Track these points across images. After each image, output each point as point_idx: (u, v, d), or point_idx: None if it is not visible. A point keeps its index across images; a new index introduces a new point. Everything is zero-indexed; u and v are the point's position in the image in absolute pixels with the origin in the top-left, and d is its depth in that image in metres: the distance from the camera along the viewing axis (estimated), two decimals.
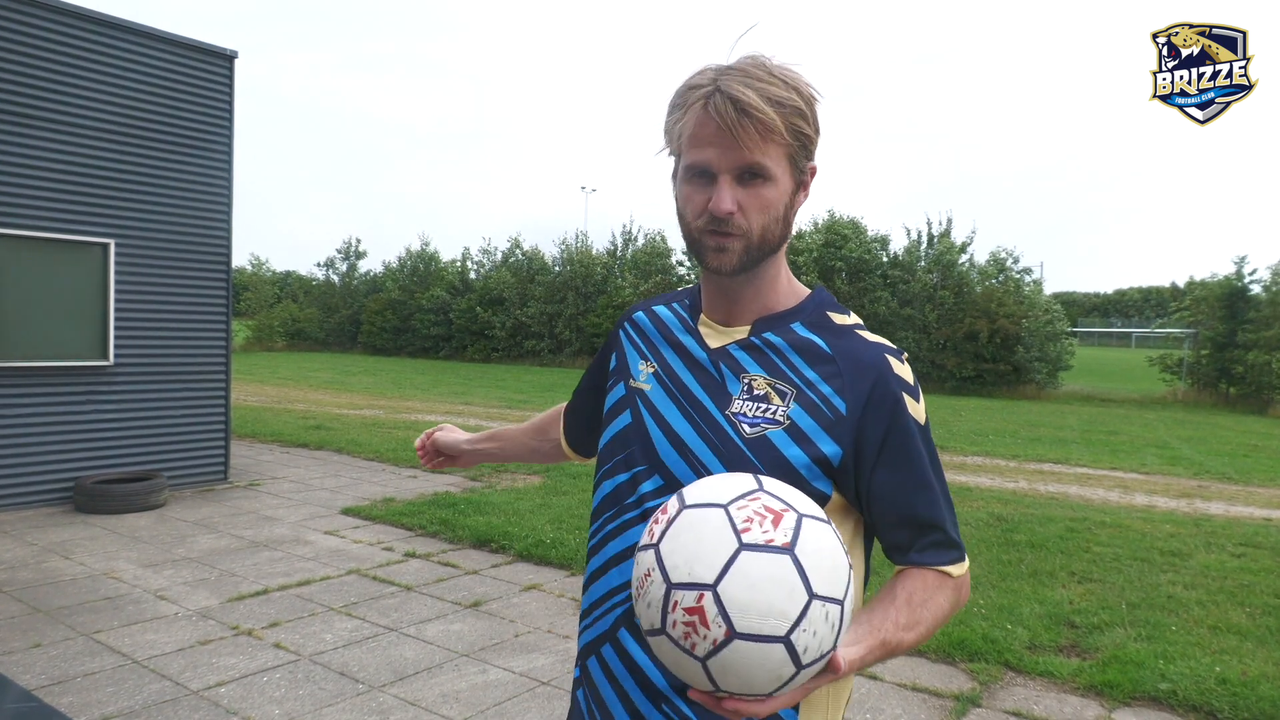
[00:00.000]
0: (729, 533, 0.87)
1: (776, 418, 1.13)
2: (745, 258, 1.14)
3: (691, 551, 0.87)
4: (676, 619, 0.86)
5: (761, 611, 0.84)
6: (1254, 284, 22.33)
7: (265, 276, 42.31)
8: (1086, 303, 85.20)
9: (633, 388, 1.27)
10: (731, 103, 1.08)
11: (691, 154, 1.13)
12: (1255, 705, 3.72)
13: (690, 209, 1.15)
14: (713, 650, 0.85)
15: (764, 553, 0.86)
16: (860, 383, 1.13)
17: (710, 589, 0.84)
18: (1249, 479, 10.33)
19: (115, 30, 7.54)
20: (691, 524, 0.89)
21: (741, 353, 1.20)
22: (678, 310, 1.32)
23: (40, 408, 7.18)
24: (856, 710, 3.74)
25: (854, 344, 1.17)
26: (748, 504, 0.90)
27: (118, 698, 3.66)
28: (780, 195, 1.13)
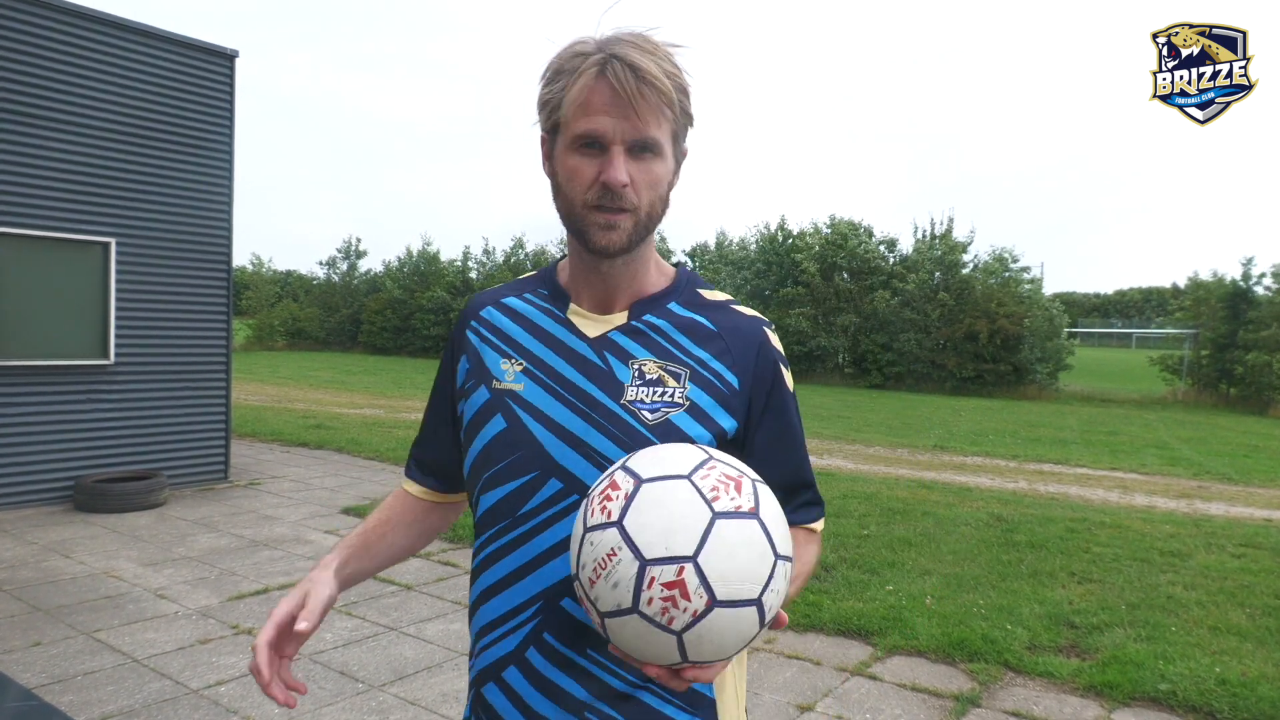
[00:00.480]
0: (700, 503, 0.86)
1: (675, 399, 1.10)
2: (633, 236, 1.09)
3: (665, 525, 0.84)
4: (653, 595, 0.84)
5: (740, 577, 0.85)
6: (1258, 285, 22.32)
7: (266, 276, 42.34)
8: (1087, 303, 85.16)
9: (499, 390, 1.16)
10: (631, 70, 1.03)
11: (582, 122, 1.06)
12: (1255, 706, 3.72)
13: (578, 182, 1.08)
14: (691, 622, 0.84)
15: (736, 519, 0.86)
16: (746, 356, 1.15)
17: (690, 560, 0.83)
18: (1249, 479, 10.33)
19: (116, 29, 7.54)
20: (658, 498, 0.87)
21: (625, 338, 1.15)
22: (534, 301, 1.23)
23: (41, 407, 7.19)
24: (856, 710, 3.74)
25: (734, 319, 1.18)
26: (708, 473, 0.89)
27: (118, 696, 3.66)
28: (667, 173, 1.10)
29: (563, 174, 1.10)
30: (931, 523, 7.13)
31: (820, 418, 16.15)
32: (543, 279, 1.26)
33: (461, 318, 1.28)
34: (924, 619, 4.75)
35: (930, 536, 6.65)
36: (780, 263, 28.80)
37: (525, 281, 1.28)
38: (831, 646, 4.48)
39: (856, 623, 4.69)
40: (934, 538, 6.62)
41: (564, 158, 1.09)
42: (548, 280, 1.25)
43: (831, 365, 27.32)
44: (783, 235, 29.67)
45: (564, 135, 1.09)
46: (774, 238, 29.79)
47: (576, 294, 1.19)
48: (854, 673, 4.15)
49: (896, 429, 14.82)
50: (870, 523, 7.06)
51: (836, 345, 27.18)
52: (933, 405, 20.16)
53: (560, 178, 1.11)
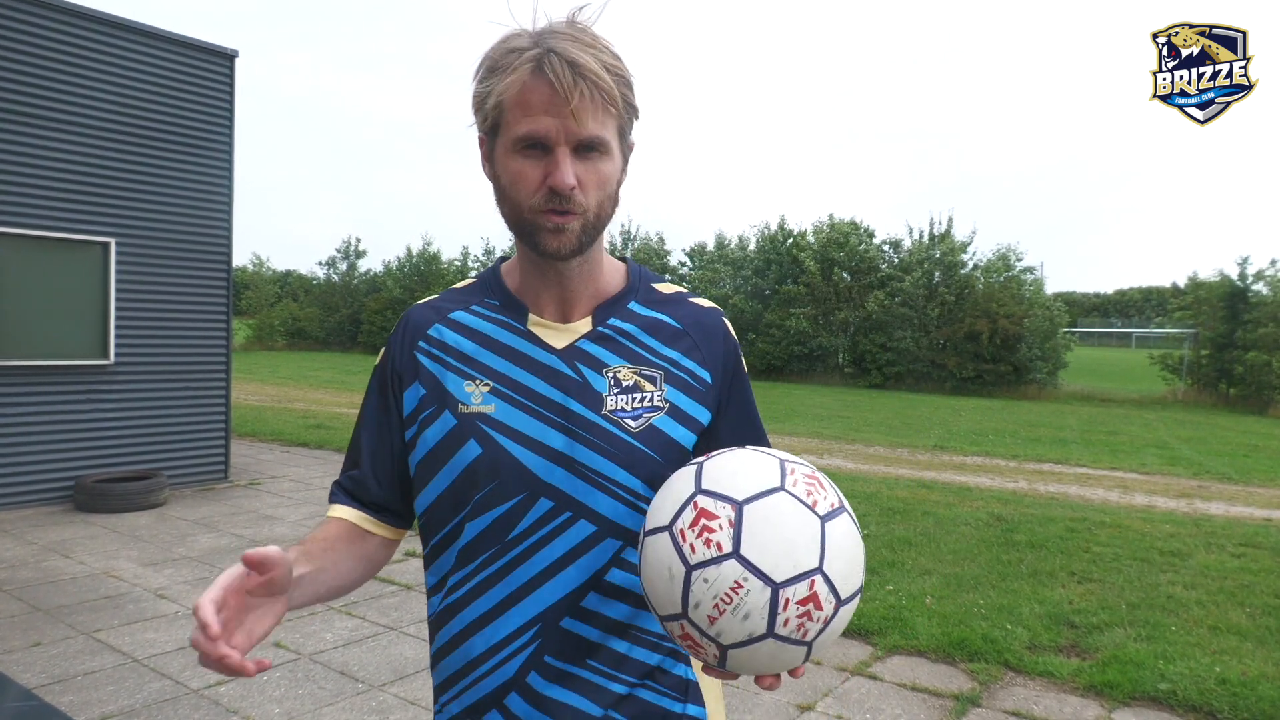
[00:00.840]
0: (806, 511, 0.87)
1: (656, 403, 1.09)
2: (583, 238, 1.05)
3: (786, 543, 0.84)
4: (789, 616, 0.83)
5: (854, 571, 0.89)
6: (1257, 283, 22.31)
7: (266, 275, 42.32)
8: (1087, 303, 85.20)
9: (468, 414, 1.08)
10: (569, 66, 0.97)
11: (523, 124, 1.00)
12: (1255, 705, 3.72)
13: (523, 186, 1.02)
14: (822, 629, 0.86)
15: (837, 517, 0.88)
16: (714, 349, 1.15)
17: (818, 572, 0.84)
18: (1249, 479, 10.33)
19: (115, 29, 7.54)
20: (767, 516, 0.85)
21: (594, 346, 1.11)
22: (487, 314, 1.15)
23: (41, 407, 7.19)
24: (856, 710, 3.74)
25: (695, 313, 1.17)
26: (795, 478, 0.89)
27: (118, 696, 3.66)
28: (615, 170, 1.06)
29: (506, 178, 1.04)
30: (931, 522, 7.13)
31: (820, 418, 16.15)
32: (487, 288, 1.18)
33: (401, 338, 1.16)
34: (924, 619, 4.75)
35: (930, 536, 6.65)
36: (780, 261, 28.79)
37: (465, 292, 1.20)
38: (831, 646, 4.47)
39: (856, 622, 4.69)
40: (934, 538, 6.62)
41: (506, 161, 1.04)
42: (494, 289, 1.17)
43: (831, 365, 27.31)
44: (783, 234, 29.66)
45: (504, 137, 1.03)
46: (774, 237, 29.78)
47: (533, 303, 1.14)
48: (854, 672, 4.15)
49: (896, 429, 14.81)
50: (870, 523, 7.06)
51: (836, 345, 27.18)
52: (933, 405, 20.16)
53: (503, 181, 1.05)
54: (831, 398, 21.30)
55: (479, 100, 1.05)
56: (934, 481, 9.41)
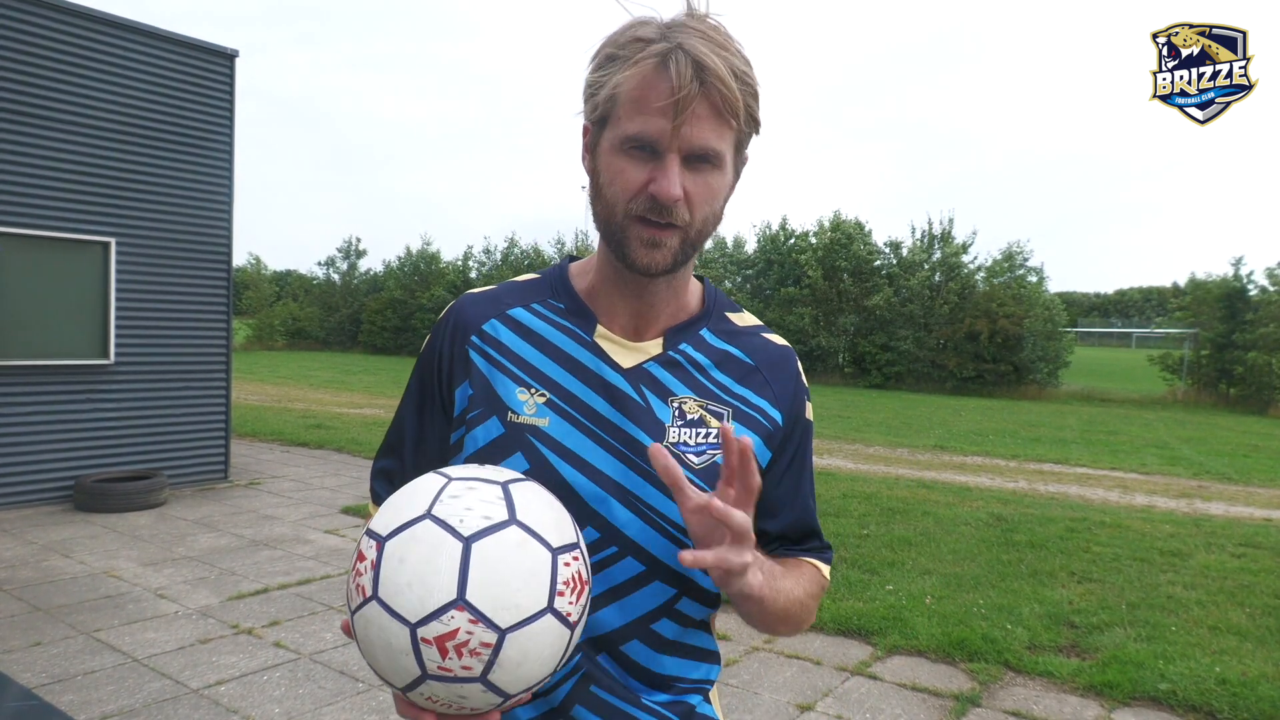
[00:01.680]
0: (447, 535, 0.77)
1: (720, 441, 0.99)
2: (680, 255, 0.96)
3: (417, 577, 0.76)
4: (434, 656, 0.77)
5: (519, 590, 0.78)
6: (1251, 285, 22.33)
7: (265, 275, 42.33)
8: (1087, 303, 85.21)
9: (518, 424, 1.00)
10: (696, 67, 0.89)
11: (635, 122, 0.92)
12: (1255, 705, 3.72)
13: (621, 187, 0.94)
14: (490, 662, 0.78)
15: (492, 534, 0.78)
16: (785, 391, 1.08)
17: (458, 602, 0.76)
18: (1249, 479, 10.33)
19: (115, 29, 7.54)
20: (402, 553, 0.78)
21: (662, 371, 1.03)
22: (550, 317, 1.06)
23: (41, 406, 7.19)
24: (856, 710, 3.74)
25: (768, 350, 1.09)
26: (450, 497, 0.80)
27: (118, 696, 3.66)
28: (724, 185, 0.98)
29: (606, 175, 0.96)
30: (931, 523, 7.13)
31: (820, 418, 16.14)
32: (554, 287, 1.09)
33: (451, 328, 1.07)
34: (924, 619, 4.75)
35: (930, 536, 6.65)
36: (782, 262, 28.79)
37: (529, 287, 1.10)
38: (831, 646, 4.48)
39: (856, 623, 4.69)
40: (934, 538, 6.62)
41: (609, 156, 0.95)
42: (562, 290, 1.08)
43: (832, 365, 27.32)
44: (784, 235, 29.65)
45: (612, 131, 0.94)
46: (775, 237, 29.77)
47: (605, 313, 1.05)
48: (854, 672, 4.15)
49: (896, 429, 14.81)
50: (870, 523, 7.06)
51: (837, 345, 27.18)
52: (933, 405, 20.16)
53: (602, 178, 0.96)
54: (831, 398, 21.30)
55: (592, 88, 0.96)
56: (934, 481, 9.41)
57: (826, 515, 7.12)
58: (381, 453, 1.14)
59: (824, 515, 7.12)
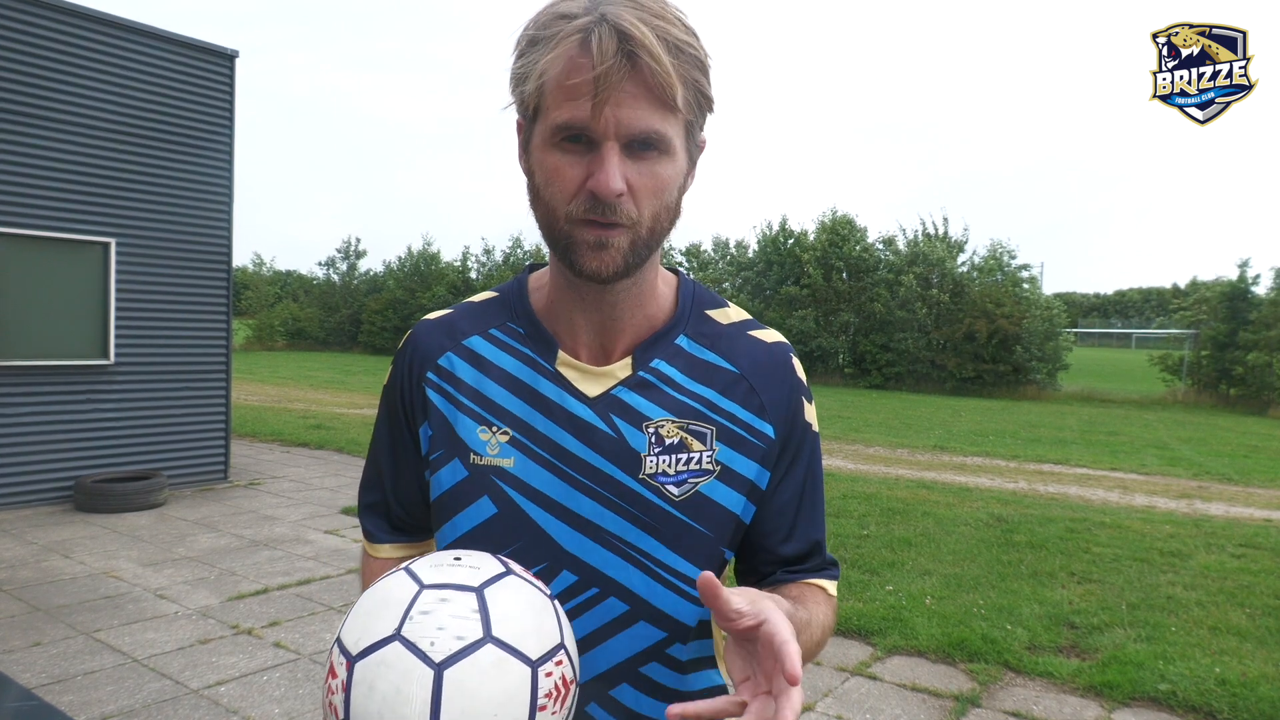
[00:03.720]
0: (417, 662, 0.71)
1: (704, 466, 0.93)
2: (631, 257, 0.86)
3: (385, 711, 0.71)
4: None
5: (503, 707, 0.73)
6: (1256, 286, 22.33)
7: (265, 276, 42.34)
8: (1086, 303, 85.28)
9: (481, 466, 0.93)
10: (620, 38, 0.78)
11: (563, 110, 0.81)
12: (1255, 706, 3.72)
13: (559, 188, 0.84)
14: None
15: (465, 658, 0.72)
16: (777, 398, 0.97)
17: None
18: (1249, 480, 10.32)
19: (115, 29, 7.54)
20: (370, 681, 0.72)
21: (633, 395, 0.93)
22: (509, 344, 0.97)
23: (41, 407, 7.18)
24: (856, 710, 3.74)
25: (755, 350, 0.98)
26: (419, 613, 0.74)
27: (118, 696, 3.66)
28: (677, 174, 0.87)
29: (541, 174, 0.86)
30: (931, 523, 7.13)
31: (820, 418, 15.95)
32: (511, 308, 0.99)
33: (409, 363, 0.99)
34: (924, 619, 4.75)
35: (930, 536, 6.65)
36: (782, 262, 28.80)
37: (486, 310, 1.00)
38: (831, 646, 4.47)
39: (856, 623, 4.69)
40: (934, 538, 6.61)
41: (542, 153, 0.85)
42: (519, 312, 0.98)
43: (832, 365, 27.32)
44: (784, 235, 29.67)
45: (542, 124, 0.84)
46: (775, 238, 29.79)
47: (565, 335, 0.96)
48: (854, 673, 4.15)
49: (896, 429, 14.81)
50: (870, 523, 7.06)
51: (837, 345, 27.19)
52: (932, 405, 20.15)
53: (538, 179, 0.87)
54: (831, 398, 21.30)
55: (516, 79, 0.86)
56: (934, 482, 9.40)
57: (827, 515, 7.10)
58: (364, 488, 1.08)
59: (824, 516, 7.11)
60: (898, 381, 25.75)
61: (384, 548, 1.06)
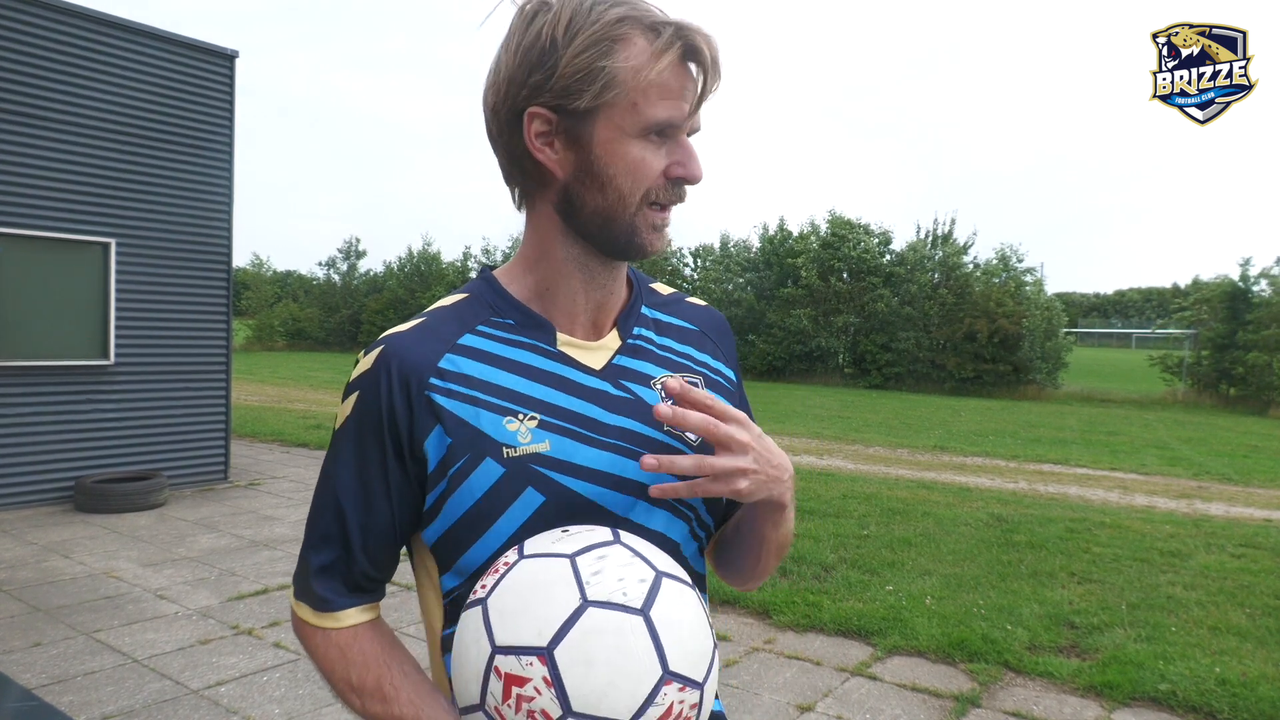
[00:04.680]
0: (624, 617, 0.71)
1: None
2: None
3: (618, 672, 0.70)
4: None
5: (698, 635, 0.75)
6: (1256, 285, 22.32)
7: (265, 276, 42.34)
8: (1086, 303, 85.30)
9: (517, 458, 0.90)
10: (707, 54, 0.90)
11: (663, 107, 0.89)
12: (1255, 706, 3.72)
13: (643, 175, 0.91)
14: (697, 716, 0.75)
15: (658, 598, 0.73)
16: (727, 348, 1.12)
17: (666, 678, 0.71)
18: (1249, 480, 10.32)
19: (116, 29, 7.54)
20: (586, 655, 0.70)
21: (632, 360, 1.00)
22: (506, 336, 0.97)
23: (41, 407, 7.18)
24: (856, 710, 3.74)
25: (700, 312, 1.12)
26: (598, 571, 0.75)
27: (118, 697, 3.66)
28: None
29: (618, 164, 0.90)
30: (931, 523, 7.13)
31: (820, 418, 16.14)
32: (494, 304, 0.99)
33: (396, 379, 0.92)
34: (924, 619, 4.75)
35: (930, 536, 6.65)
36: (780, 263, 28.81)
37: (463, 310, 0.99)
38: (831, 646, 4.47)
39: (856, 623, 4.69)
40: (934, 538, 6.61)
41: (620, 145, 0.90)
42: (504, 304, 0.99)
43: (832, 365, 27.32)
44: (782, 236, 29.67)
45: (624, 119, 0.89)
46: (774, 238, 29.80)
47: (560, 318, 0.99)
48: (854, 673, 4.15)
49: (896, 429, 14.81)
50: (870, 523, 7.05)
51: (836, 345, 27.18)
52: (932, 405, 20.15)
53: (610, 169, 0.91)
54: (831, 398, 21.30)
55: (579, 72, 0.87)
56: (934, 482, 9.40)
57: (827, 515, 7.12)
58: (313, 546, 0.96)
59: (824, 515, 7.12)
60: (897, 381, 25.75)
61: (347, 614, 0.96)
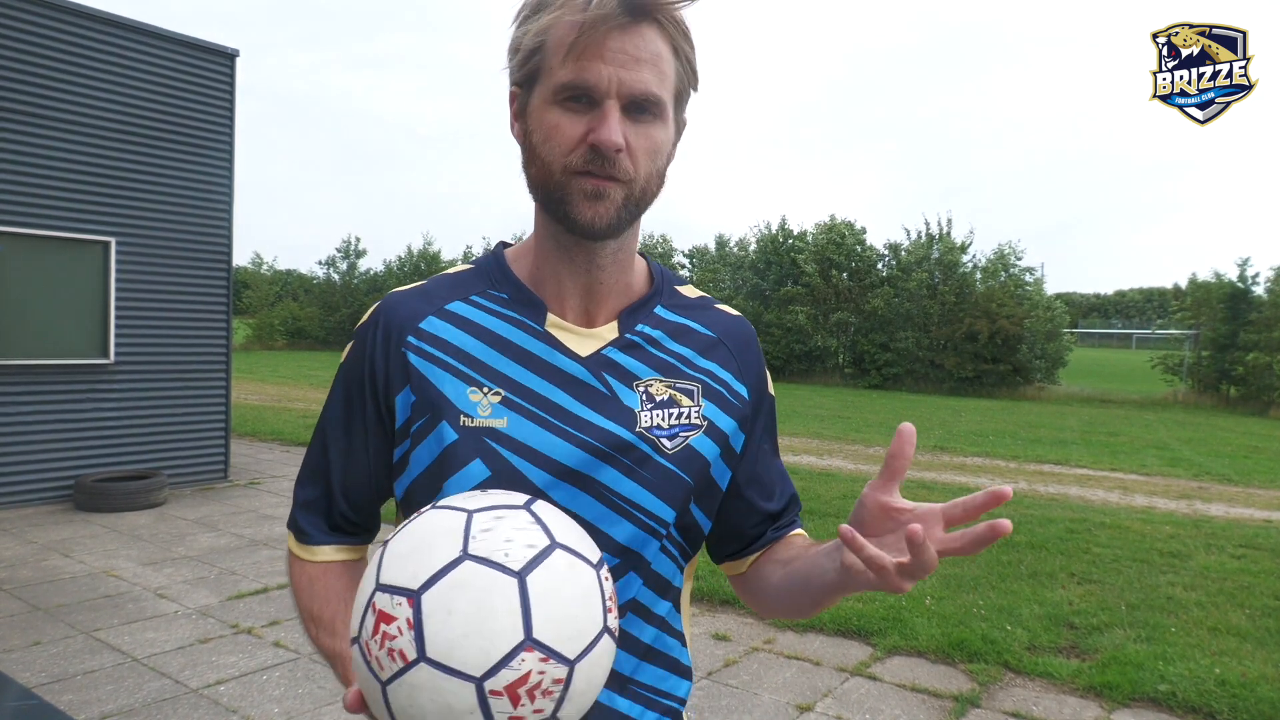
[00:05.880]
0: (496, 575, 0.70)
1: (694, 420, 0.96)
2: (624, 212, 0.89)
3: (474, 626, 0.69)
4: (504, 709, 0.70)
5: (580, 615, 0.73)
6: (1256, 286, 22.32)
7: (266, 275, 42.35)
8: (1086, 303, 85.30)
9: (472, 428, 0.90)
10: (633, 7, 0.83)
11: (569, 69, 0.84)
12: (1254, 707, 3.72)
13: (558, 142, 0.86)
14: (561, 698, 0.72)
15: (540, 564, 0.72)
16: (749, 362, 1.04)
17: (526, 644, 0.69)
18: (1249, 480, 10.32)
19: (116, 29, 7.54)
20: (448, 603, 0.70)
21: (623, 355, 0.96)
22: (494, 308, 0.97)
23: (41, 406, 7.18)
24: (856, 710, 3.74)
25: (725, 321, 1.04)
26: (487, 528, 0.73)
27: (117, 696, 3.66)
28: (667, 140, 0.91)
29: (539, 133, 0.87)
30: None
31: (820, 418, 16.14)
32: (493, 277, 0.99)
33: (383, 331, 0.96)
34: (924, 619, 4.75)
35: None
36: (780, 262, 28.82)
37: (463, 279, 1.00)
38: (831, 646, 4.48)
39: (856, 623, 4.69)
40: None
41: (541, 113, 0.87)
42: (502, 278, 0.99)
43: (831, 365, 27.32)
44: (783, 235, 29.69)
45: (543, 85, 0.87)
46: (774, 238, 29.81)
47: (553, 298, 0.97)
48: (854, 673, 4.15)
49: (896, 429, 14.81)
50: None
51: (836, 345, 27.19)
52: (932, 405, 20.15)
53: (535, 138, 0.88)
54: (831, 398, 21.30)
55: (516, 45, 0.89)
56: (934, 482, 9.40)
57: (827, 515, 7.11)
58: (302, 480, 1.02)
59: (824, 515, 7.12)
60: (897, 381, 25.76)
61: (322, 549, 1.02)
